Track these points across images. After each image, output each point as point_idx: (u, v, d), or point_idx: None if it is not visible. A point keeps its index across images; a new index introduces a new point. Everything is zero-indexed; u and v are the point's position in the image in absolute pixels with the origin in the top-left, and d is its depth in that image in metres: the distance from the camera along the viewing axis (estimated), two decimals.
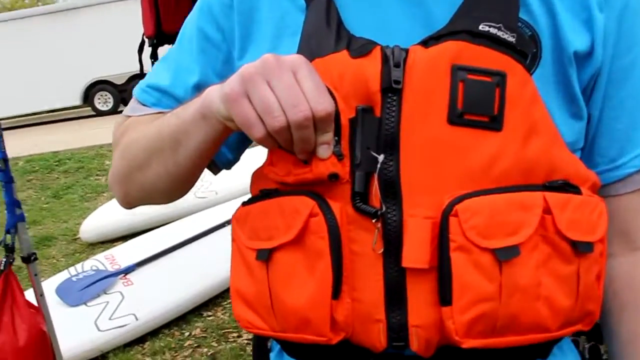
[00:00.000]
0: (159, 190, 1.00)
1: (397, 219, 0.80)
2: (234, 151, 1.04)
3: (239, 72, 0.78)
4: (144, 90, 1.04)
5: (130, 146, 0.99)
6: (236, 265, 0.92)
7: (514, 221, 0.79)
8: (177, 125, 0.90)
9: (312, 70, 0.78)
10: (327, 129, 0.79)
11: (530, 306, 0.80)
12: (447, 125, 0.80)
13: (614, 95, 0.90)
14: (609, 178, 0.93)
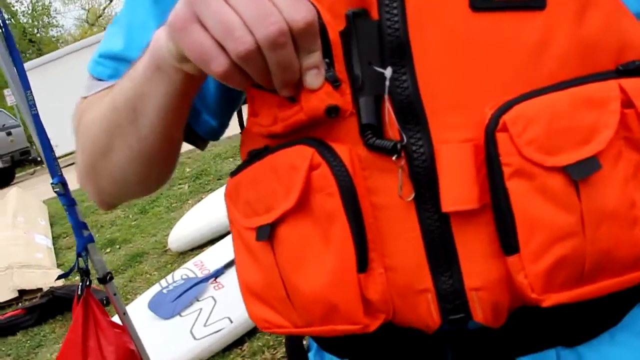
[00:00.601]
0: (131, 177, 0.83)
1: (425, 149, 0.62)
2: (217, 115, 0.86)
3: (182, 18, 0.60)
4: (97, 62, 0.87)
5: (89, 131, 0.83)
6: (239, 253, 0.75)
7: (585, 124, 0.59)
8: (131, 89, 0.73)
9: None
10: (312, 47, 0.60)
11: (626, 235, 0.60)
12: (470, 12, 0.61)
13: None
14: None
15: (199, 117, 0.87)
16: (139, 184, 0.86)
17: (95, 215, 8.04)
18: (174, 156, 0.86)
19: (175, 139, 0.80)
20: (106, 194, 0.90)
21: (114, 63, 0.85)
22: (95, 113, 0.83)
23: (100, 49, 0.88)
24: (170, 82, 0.69)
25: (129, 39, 0.84)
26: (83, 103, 0.88)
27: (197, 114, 0.87)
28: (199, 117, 0.87)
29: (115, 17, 0.89)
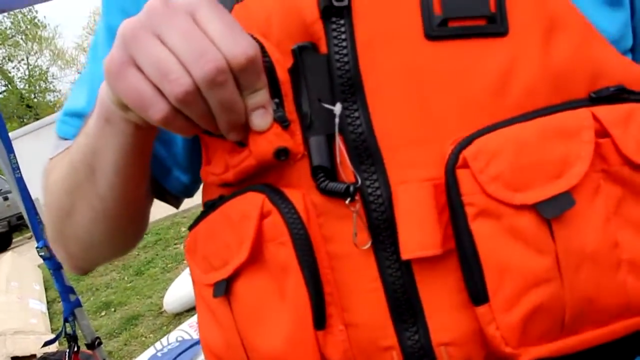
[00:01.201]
0: (96, 238, 0.78)
1: (382, 191, 0.57)
2: (188, 170, 0.81)
3: (118, 32, 0.55)
4: (62, 121, 0.83)
5: (52, 193, 0.78)
6: (201, 312, 0.70)
7: (555, 157, 0.54)
8: (85, 145, 0.68)
9: (217, 6, 0.55)
10: (256, 85, 0.56)
11: (609, 279, 0.54)
12: (425, 41, 0.56)
13: None
14: None
15: (169, 174, 0.82)
16: (106, 245, 0.81)
17: (90, 278, 7.96)
18: (140, 215, 0.81)
19: (136, 196, 0.75)
20: (76, 258, 0.84)
21: (77, 121, 0.80)
22: (57, 174, 0.78)
23: (65, 107, 0.84)
24: (121, 135, 0.64)
25: (91, 95, 0.79)
26: (49, 164, 0.82)
27: (167, 171, 0.82)
28: (169, 174, 0.82)
29: (80, 75, 0.85)
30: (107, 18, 0.79)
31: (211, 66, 0.52)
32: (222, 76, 0.53)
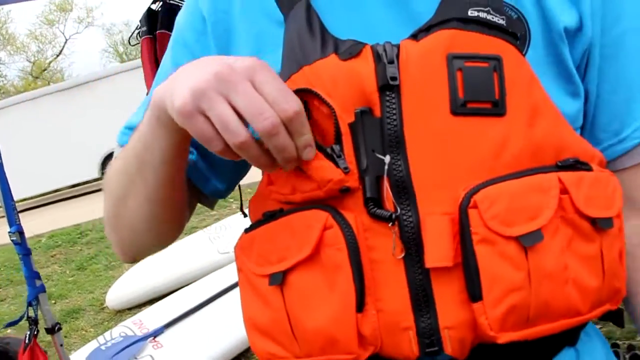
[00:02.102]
0: (146, 227, 0.96)
1: (413, 219, 0.77)
2: (224, 181, 1.00)
3: (190, 86, 0.72)
4: (122, 132, 1.02)
5: (109, 185, 0.96)
6: (246, 296, 0.88)
7: (533, 205, 0.76)
8: (138, 140, 0.86)
9: (270, 72, 0.74)
10: (303, 131, 0.74)
11: (560, 291, 0.76)
12: (451, 116, 0.77)
13: (608, 68, 0.88)
14: (614, 153, 0.91)
15: (208, 182, 1.00)
16: (153, 233, 0.98)
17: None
18: (179, 210, 0.98)
19: (176, 183, 0.92)
20: (126, 244, 1.01)
21: None
22: (114, 169, 0.96)
23: (126, 122, 1.03)
24: (167, 131, 0.81)
25: None
26: (111, 164, 1.00)
27: (206, 180, 1.00)
28: (208, 182, 1.00)
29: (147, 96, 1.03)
30: (175, 54, 0.98)
31: (267, 123, 0.71)
32: (275, 129, 0.71)
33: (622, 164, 0.91)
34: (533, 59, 0.82)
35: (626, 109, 0.89)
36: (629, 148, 0.89)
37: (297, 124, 0.73)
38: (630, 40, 0.87)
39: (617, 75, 0.88)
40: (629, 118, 0.89)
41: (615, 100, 0.89)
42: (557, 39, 0.84)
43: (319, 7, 0.86)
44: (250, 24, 0.91)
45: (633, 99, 0.88)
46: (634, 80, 0.88)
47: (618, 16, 0.87)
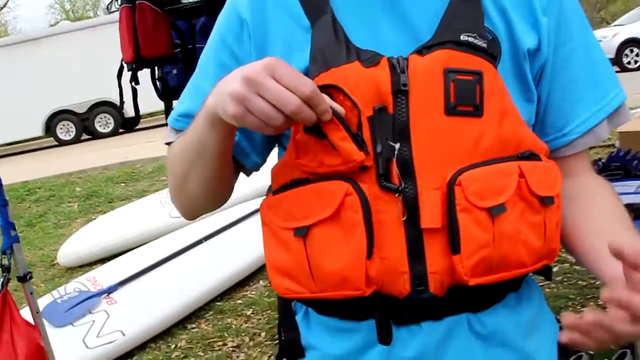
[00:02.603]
0: (203, 195, 1.19)
1: (413, 192, 1.00)
2: (260, 155, 1.23)
3: (234, 93, 0.94)
4: (176, 119, 1.22)
5: (173, 164, 1.19)
6: (270, 245, 1.10)
7: (500, 185, 1.00)
8: (194, 137, 1.09)
9: (285, 65, 0.94)
10: (319, 102, 0.95)
11: (515, 248, 1.02)
12: (444, 116, 1.00)
13: (558, 78, 1.13)
14: (558, 144, 1.16)
15: (247, 157, 1.22)
16: (206, 199, 1.21)
17: None
18: (227, 182, 1.21)
19: (229, 166, 1.16)
20: (187, 207, 1.23)
21: (186, 119, 1.19)
22: (175, 152, 1.18)
23: (177, 110, 1.23)
24: (222, 129, 1.04)
25: (195, 103, 1.16)
26: (170, 146, 1.22)
27: (246, 154, 1.21)
28: (248, 157, 1.22)
29: (188, 84, 1.24)
30: (217, 51, 1.18)
31: (294, 107, 0.92)
32: (300, 108, 0.93)
33: (564, 153, 1.17)
34: (502, 71, 1.06)
35: (570, 110, 1.14)
36: (570, 141, 1.15)
37: (314, 99, 0.94)
38: (576, 57, 1.13)
39: (564, 84, 1.14)
40: (571, 117, 1.14)
41: (561, 103, 1.14)
42: (521, 57, 1.09)
43: (341, 18, 1.08)
44: (281, 28, 1.12)
45: (575, 102, 1.14)
46: (577, 88, 1.14)
47: (568, 38, 1.12)
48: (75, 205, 8.63)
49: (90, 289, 4.81)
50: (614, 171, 3.67)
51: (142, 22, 3.75)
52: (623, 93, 1.17)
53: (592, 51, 1.16)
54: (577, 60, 1.14)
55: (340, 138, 0.98)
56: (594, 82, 1.15)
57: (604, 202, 1.15)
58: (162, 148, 4.99)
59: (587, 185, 1.17)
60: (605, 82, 1.16)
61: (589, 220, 1.13)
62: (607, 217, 1.12)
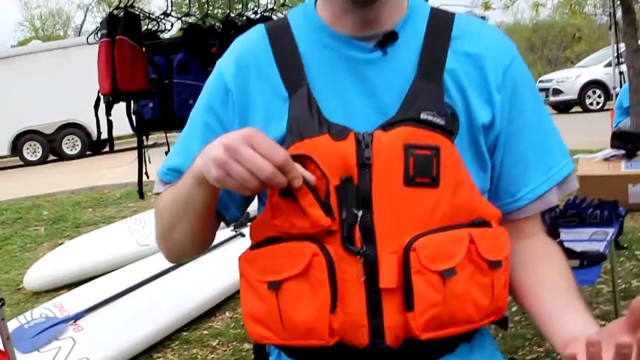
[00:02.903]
0: (188, 243, 1.29)
1: (373, 255, 1.11)
2: (239, 209, 1.33)
3: (216, 159, 1.05)
4: (165, 172, 1.34)
5: (162, 214, 1.29)
6: (246, 295, 1.20)
7: (452, 250, 1.12)
8: (182, 193, 1.19)
9: (261, 135, 1.05)
10: (290, 169, 1.05)
11: (464, 307, 1.13)
12: (403, 186, 1.11)
13: (511, 150, 1.25)
14: (511, 208, 1.27)
15: (228, 210, 1.33)
16: (190, 247, 1.32)
17: None
18: (209, 232, 1.32)
19: (211, 219, 1.27)
20: (172, 253, 1.34)
21: (175, 174, 1.30)
22: (163, 204, 1.28)
23: (166, 164, 1.34)
24: (204, 191, 1.14)
25: (185, 159, 1.26)
26: (159, 197, 1.33)
27: (227, 208, 1.32)
28: (229, 210, 1.33)
29: (177, 141, 1.36)
30: (203, 115, 1.30)
31: (266, 173, 1.03)
32: (273, 175, 1.03)
33: (516, 216, 1.28)
34: (459, 143, 1.17)
35: (522, 178, 1.26)
36: (521, 206, 1.27)
37: (286, 167, 1.05)
38: (528, 129, 1.25)
39: (516, 154, 1.25)
40: (522, 184, 1.26)
41: (514, 172, 1.26)
42: (476, 131, 1.20)
43: (316, 93, 1.19)
44: (262, 98, 1.23)
45: (527, 171, 1.26)
46: (529, 158, 1.26)
47: (521, 112, 1.24)
48: (42, 229, 8.61)
49: (57, 315, 4.80)
50: (570, 218, 3.82)
51: (120, 57, 3.86)
52: (571, 164, 1.29)
53: (544, 124, 1.29)
54: (530, 133, 1.26)
55: (310, 204, 1.08)
56: (545, 153, 1.27)
57: (552, 265, 1.26)
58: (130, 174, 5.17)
59: (537, 248, 1.29)
60: (555, 153, 1.28)
61: (540, 283, 1.24)
62: (556, 281, 1.23)
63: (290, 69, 1.23)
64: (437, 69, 1.19)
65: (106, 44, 3.90)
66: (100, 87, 4.00)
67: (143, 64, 4.02)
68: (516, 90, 1.24)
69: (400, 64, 1.21)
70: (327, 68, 1.22)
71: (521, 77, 1.26)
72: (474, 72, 1.22)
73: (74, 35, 39.63)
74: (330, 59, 1.23)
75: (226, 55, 1.32)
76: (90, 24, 39.42)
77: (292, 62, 1.23)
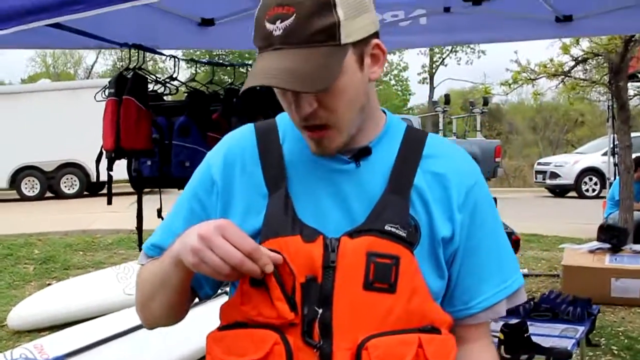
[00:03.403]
0: (164, 314, 1.41)
1: (329, 349, 1.21)
2: (212, 288, 1.46)
3: (192, 247, 1.17)
4: (149, 248, 1.46)
5: (143, 285, 1.42)
6: None
7: (401, 353, 1.21)
8: (161, 270, 1.32)
9: (234, 227, 1.18)
10: (259, 257, 1.17)
11: None
12: (362, 290, 1.22)
13: (467, 263, 1.37)
14: (461, 315, 1.37)
15: (202, 288, 1.45)
16: (165, 318, 1.43)
17: None
18: (184, 306, 1.43)
19: (187, 294, 1.38)
20: (150, 321, 1.45)
21: (159, 250, 1.42)
22: (144, 277, 1.41)
23: (152, 240, 1.46)
24: (181, 270, 1.24)
25: (168, 239, 1.37)
26: (141, 269, 1.46)
27: (201, 286, 1.44)
28: (202, 288, 1.45)
29: (164, 220, 1.49)
30: (189, 200, 1.43)
31: (236, 260, 1.16)
32: (242, 262, 1.16)
33: (467, 322, 1.39)
34: (419, 253, 1.28)
35: (475, 288, 1.38)
36: (472, 314, 1.38)
37: (254, 255, 1.18)
38: (484, 247, 1.38)
39: (472, 268, 1.37)
40: (475, 294, 1.38)
41: (468, 282, 1.37)
42: (437, 244, 1.32)
43: (293, 195, 1.32)
44: (244, 192, 1.37)
45: (481, 283, 1.38)
46: (483, 272, 1.38)
47: (478, 231, 1.37)
48: (31, 268, 8.68)
49: (37, 357, 4.83)
50: (543, 312, 3.92)
51: (125, 116, 4.03)
52: (521, 279, 1.42)
53: (499, 242, 1.42)
54: (486, 249, 1.38)
55: (277, 298, 1.21)
56: (498, 268, 1.39)
57: None
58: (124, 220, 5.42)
59: (474, 354, 1.41)
60: (507, 268, 1.41)
61: None
62: None
63: (273, 170, 1.36)
64: (405, 185, 1.33)
65: (113, 102, 4.07)
66: (103, 142, 4.13)
67: (147, 125, 4.17)
68: (476, 210, 1.37)
69: (372, 176, 1.34)
70: (306, 174, 1.36)
71: (482, 199, 1.40)
72: (439, 190, 1.35)
73: (84, 75, 40.05)
74: (310, 166, 1.36)
75: (216, 148, 1.46)
76: (101, 65, 39.84)
77: (275, 163, 1.37)
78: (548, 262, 8.89)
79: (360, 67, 1.28)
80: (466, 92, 38.26)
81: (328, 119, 1.28)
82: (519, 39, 6.13)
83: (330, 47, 1.22)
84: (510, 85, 9.33)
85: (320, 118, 1.27)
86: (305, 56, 1.20)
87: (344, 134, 1.31)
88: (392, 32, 5.43)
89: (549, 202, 18.46)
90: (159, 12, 3.89)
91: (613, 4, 4.53)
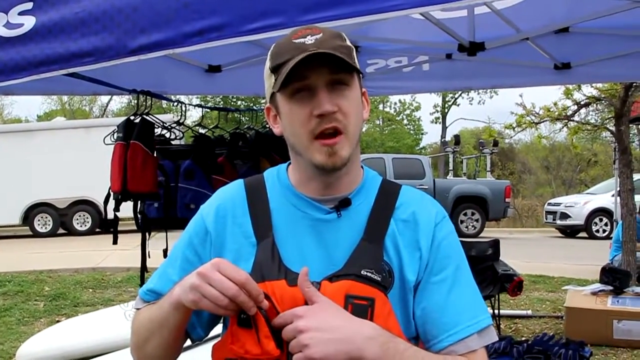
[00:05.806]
0: (161, 354, 1.52)
1: None
2: (205, 330, 1.58)
3: (192, 285, 1.31)
4: (145, 292, 1.59)
5: (139, 329, 1.54)
6: None
7: None
8: (159, 314, 1.45)
9: (228, 263, 1.31)
10: (252, 289, 1.29)
11: None
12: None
13: (432, 299, 1.47)
14: (435, 349, 1.46)
15: (195, 330, 1.56)
16: (161, 359, 1.54)
17: None
18: (179, 345, 1.55)
19: (182, 337, 1.51)
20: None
21: (155, 295, 1.54)
22: (140, 320, 1.52)
23: (148, 285, 1.59)
24: (179, 313, 1.41)
25: (164, 285, 1.52)
26: (137, 313, 1.58)
27: (194, 328, 1.56)
28: (195, 330, 1.56)
29: (160, 267, 1.62)
30: (184, 248, 1.57)
31: (232, 292, 1.29)
32: (238, 293, 1.29)
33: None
34: (392, 296, 1.42)
35: (439, 324, 1.48)
36: (441, 348, 1.45)
37: (247, 286, 1.31)
38: (448, 284, 1.49)
39: (439, 301, 1.47)
40: (440, 330, 1.47)
41: (435, 317, 1.46)
42: (406, 288, 1.46)
43: (279, 243, 1.46)
44: (235, 241, 1.51)
45: (444, 317, 1.47)
46: (447, 308, 1.48)
47: (442, 269, 1.49)
48: (41, 305, 8.81)
49: None
50: (535, 355, 4.00)
51: (132, 160, 4.17)
52: (489, 319, 1.51)
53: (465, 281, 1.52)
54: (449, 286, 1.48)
55: (264, 335, 1.32)
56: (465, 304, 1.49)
57: None
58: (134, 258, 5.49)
59: None
60: (475, 305, 1.51)
61: None
62: None
63: (261, 221, 1.51)
64: (380, 233, 1.48)
65: (121, 146, 4.21)
66: (111, 184, 4.26)
67: (153, 169, 4.32)
68: (440, 247, 1.51)
69: (350, 225, 1.48)
70: (291, 223, 1.50)
71: (446, 237, 1.53)
72: (408, 234, 1.49)
73: (99, 113, 40.47)
74: (294, 216, 1.51)
75: (209, 202, 1.61)
76: (116, 103, 40.22)
77: (263, 215, 1.52)
78: (553, 303, 8.93)
79: (360, 94, 1.52)
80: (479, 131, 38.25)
81: (342, 123, 1.44)
82: (519, 86, 6.33)
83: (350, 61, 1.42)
84: (514, 129, 9.48)
85: (337, 120, 1.43)
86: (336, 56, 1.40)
87: (352, 143, 1.47)
88: (396, 77, 5.62)
89: (559, 243, 18.41)
90: (167, 59, 4.04)
91: (610, 53, 4.70)
